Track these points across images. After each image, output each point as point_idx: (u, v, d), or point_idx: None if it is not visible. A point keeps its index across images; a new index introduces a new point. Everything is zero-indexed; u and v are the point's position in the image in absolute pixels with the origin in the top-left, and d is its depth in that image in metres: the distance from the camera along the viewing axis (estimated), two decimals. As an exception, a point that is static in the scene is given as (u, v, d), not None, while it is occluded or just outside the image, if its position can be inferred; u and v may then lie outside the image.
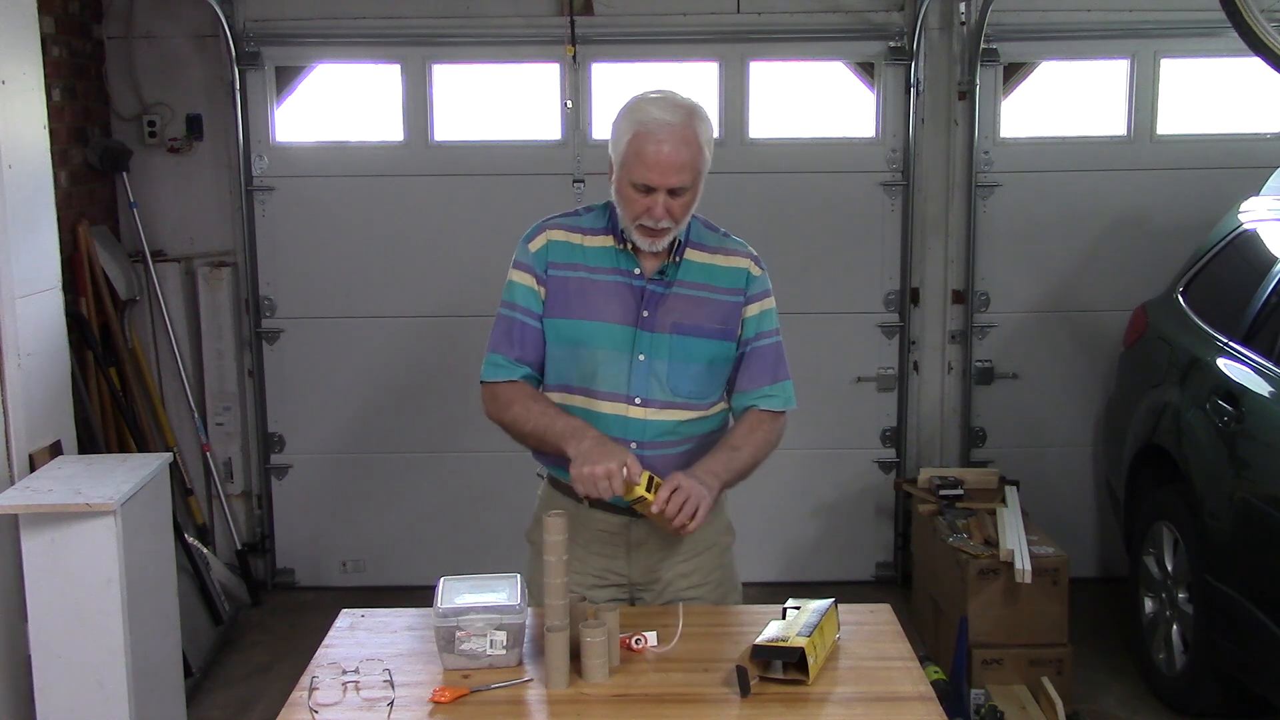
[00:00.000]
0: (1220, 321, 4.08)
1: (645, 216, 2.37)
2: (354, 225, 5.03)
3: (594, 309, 2.46)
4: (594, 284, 2.47)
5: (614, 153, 2.42)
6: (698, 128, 2.37)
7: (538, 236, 2.52)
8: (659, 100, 2.39)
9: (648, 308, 2.46)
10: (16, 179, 3.53)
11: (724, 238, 2.57)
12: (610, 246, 2.48)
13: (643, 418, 2.46)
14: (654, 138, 2.33)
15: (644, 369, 2.45)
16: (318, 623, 2.70)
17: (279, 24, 4.92)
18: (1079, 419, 5.18)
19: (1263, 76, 4.61)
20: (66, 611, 3.23)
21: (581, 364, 2.47)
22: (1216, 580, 3.70)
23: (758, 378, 2.55)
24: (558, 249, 2.49)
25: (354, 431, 5.15)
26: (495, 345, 2.53)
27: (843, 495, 5.22)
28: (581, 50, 4.85)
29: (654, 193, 2.35)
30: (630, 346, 2.45)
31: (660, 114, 2.35)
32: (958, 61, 4.95)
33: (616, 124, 2.42)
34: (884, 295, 5.10)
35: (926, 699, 2.13)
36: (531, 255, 2.50)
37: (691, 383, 2.49)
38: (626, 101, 2.44)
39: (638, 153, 2.35)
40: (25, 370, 3.54)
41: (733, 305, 2.52)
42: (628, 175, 2.38)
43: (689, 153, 2.35)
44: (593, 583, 2.55)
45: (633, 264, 2.47)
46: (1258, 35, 3.48)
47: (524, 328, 2.50)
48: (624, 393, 2.46)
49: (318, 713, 2.06)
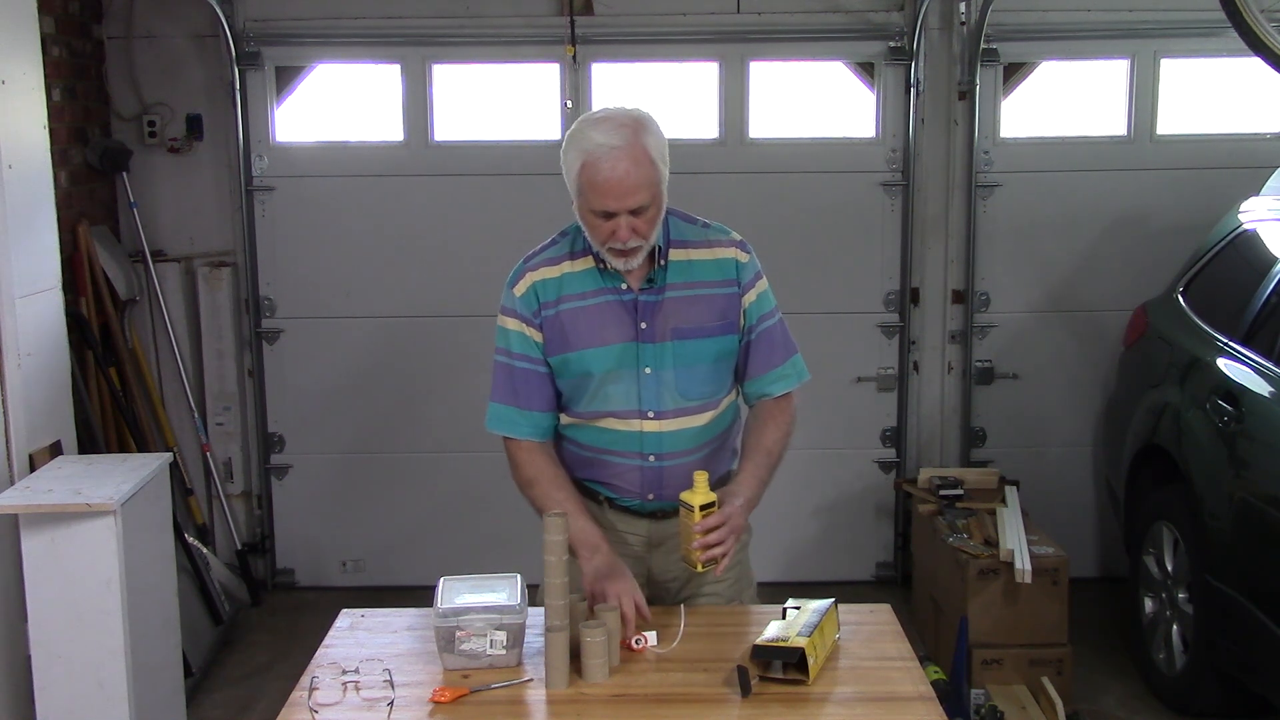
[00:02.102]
0: (1220, 321, 4.08)
1: (612, 240, 2.34)
2: (354, 225, 5.03)
3: (592, 335, 2.44)
4: (585, 310, 2.45)
5: (568, 182, 2.38)
6: (646, 144, 2.31)
7: (520, 282, 2.48)
8: (601, 122, 2.33)
9: (644, 319, 2.44)
10: (16, 179, 3.53)
11: (704, 229, 2.54)
12: (593, 269, 2.45)
13: (658, 430, 2.46)
14: (603, 164, 2.28)
15: (652, 381, 2.44)
16: (318, 623, 2.70)
17: (279, 24, 4.92)
18: (1079, 419, 5.18)
19: (1263, 76, 4.61)
20: (66, 611, 3.23)
21: (591, 390, 2.46)
22: (1216, 580, 3.70)
23: (768, 361, 2.55)
24: (544, 288, 2.46)
25: (354, 431, 5.15)
26: (499, 395, 2.51)
27: (843, 495, 5.22)
28: (581, 50, 4.85)
29: (615, 216, 2.32)
30: (635, 362, 2.44)
31: (604, 138, 2.29)
32: (958, 61, 4.95)
33: (565, 153, 2.37)
34: (884, 295, 5.10)
35: (926, 699, 2.13)
36: (519, 301, 2.47)
37: (700, 384, 2.48)
38: (572, 127, 2.39)
39: (590, 181, 2.30)
40: (25, 370, 3.54)
41: (729, 297, 2.49)
42: (585, 204, 2.34)
43: (641, 172, 2.30)
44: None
45: (618, 280, 2.44)
46: (1258, 35, 3.48)
47: (526, 375, 2.48)
48: (635, 408, 2.45)
49: (318, 713, 2.06)
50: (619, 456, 2.49)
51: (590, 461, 2.53)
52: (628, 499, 2.52)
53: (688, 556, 2.35)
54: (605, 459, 2.50)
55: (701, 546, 2.30)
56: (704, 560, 2.32)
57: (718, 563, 2.33)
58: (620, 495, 2.52)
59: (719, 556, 2.32)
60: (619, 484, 2.51)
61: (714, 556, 2.31)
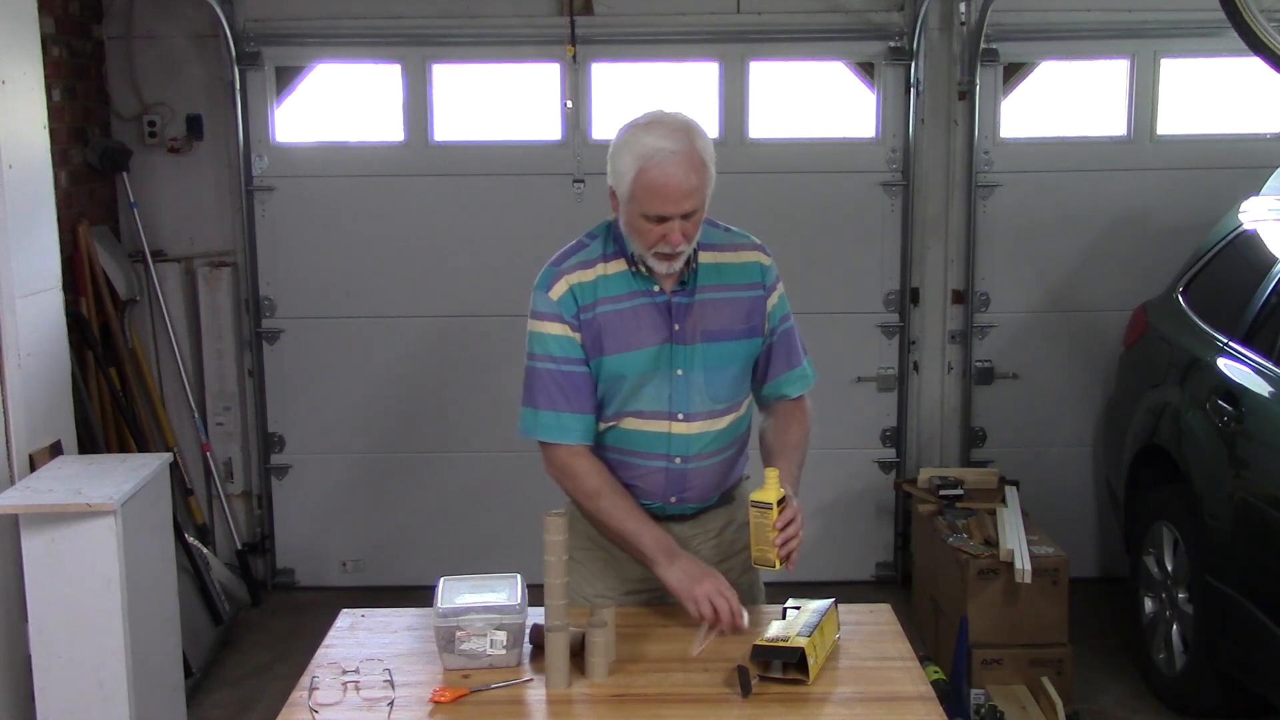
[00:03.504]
0: (1220, 321, 4.08)
1: (662, 244, 2.32)
2: (354, 225, 5.03)
3: (628, 339, 2.42)
4: (621, 314, 2.42)
5: (618, 187, 2.34)
6: (700, 147, 2.31)
7: (556, 285, 2.42)
8: (653, 126, 2.31)
9: (678, 321, 2.43)
10: (16, 179, 3.53)
11: (728, 232, 2.55)
12: (625, 272, 2.43)
13: (685, 433, 2.46)
14: (662, 169, 2.26)
15: (684, 383, 2.44)
16: (318, 623, 2.70)
17: (279, 24, 4.92)
18: (1079, 419, 5.18)
19: (1263, 76, 4.61)
20: (66, 611, 3.23)
21: (624, 393, 2.44)
22: (1216, 580, 3.70)
23: (788, 362, 2.57)
24: (582, 291, 2.42)
25: (354, 431, 5.16)
26: (545, 402, 2.42)
27: (843, 495, 5.22)
28: (581, 50, 4.85)
29: (668, 221, 2.30)
30: (669, 364, 2.43)
31: (662, 143, 2.28)
32: (958, 61, 4.95)
33: (616, 158, 2.34)
34: (884, 295, 5.10)
35: (926, 699, 2.13)
36: (556, 304, 2.41)
37: (727, 386, 2.49)
38: (620, 133, 2.36)
39: (648, 186, 2.28)
40: (25, 370, 3.54)
41: (755, 300, 2.50)
42: (638, 208, 2.31)
43: (697, 176, 2.30)
44: (629, 588, 2.54)
45: (651, 283, 2.43)
46: (1258, 35, 3.48)
47: (573, 378, 2.43)
48: (666, 410, 2.44)
49: (318, 713, 2.06)
50: (645, 458, 2.47)
51: (615, 464, 2.50)
52: (649, 501, 2.51)
53: (764, 557, 2.32)
54: (631, 460, 2.49)
55: (783, 542, 2.29)
56: (783, 556, 2.30)
57: (790, 558, 2.33)
58: (642, 498, 2.51)
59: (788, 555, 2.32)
60: (642, 486, 2.50)
61: (791, 550, 2.31)
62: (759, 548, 2.33)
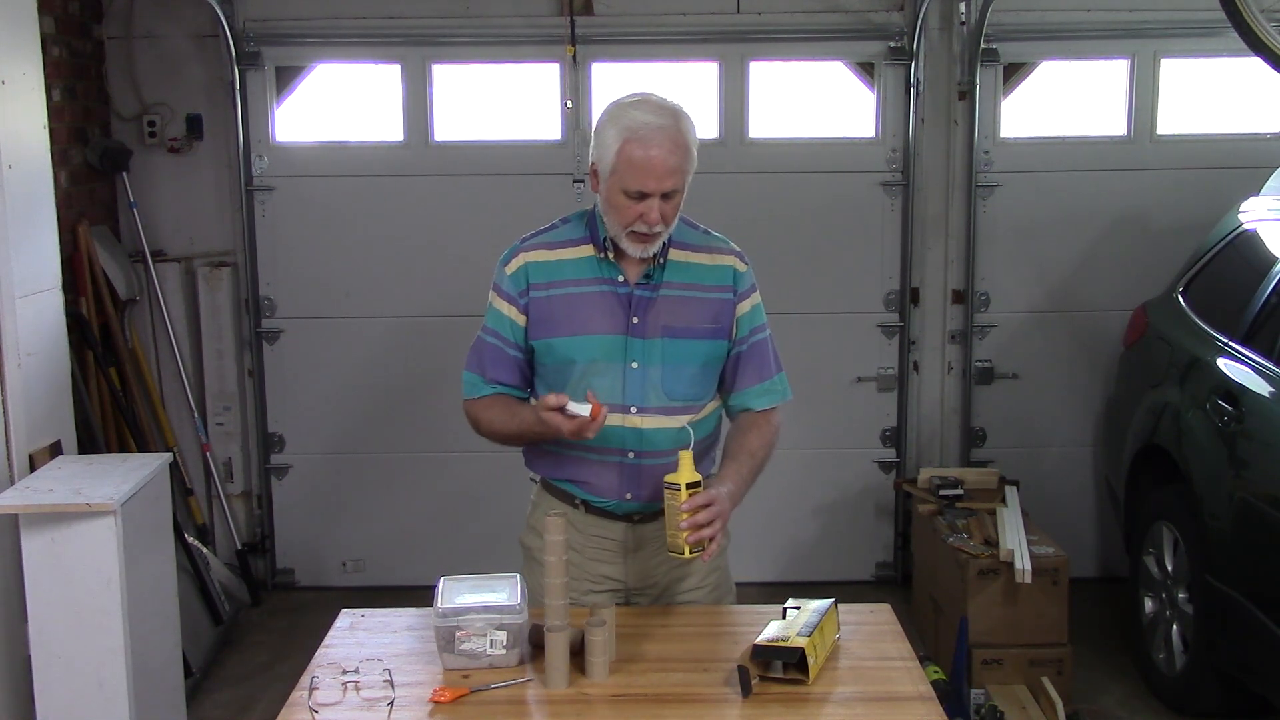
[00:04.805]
0: (1220, 321, 4.08)
1: (639, 223, 2.34)
2: (354, 225, 5.03)
3: (582, 323, 2.44)
4: (579, 297, 2.44)
5: (600, 162, 2.37)
6: (685, 129, 2.35)
7: (514, 260, 2.49)
8: (643, 104, 2.36)
9: (637, 314, 2.43)
10: (16, 179, 3.52)
11: (705, 235, 2.55)
12: (591, 257, 2.45)
13: (640, 426, 2.45)
14: (645, 143, 2.30)
15: (638, 376, 2.44)
16: (318, 623, 2.70)
17: (279, 24, 4.92)
18: (1079, 419, 5.19)
19: (1263, 76, 4.61)
20: (66, 611, 3.23)
21: (574, 380, 2.44)
22: (1216, 580, 3.70)
23: (754, 375, 2.54)
24: (536, 270, 2.46)
25: (354, 431, 5.15)
26: (471, 365, 2.58)
27: (842, 495, 5.22)
28: (581, 50, 4.85)
29: (648, 198, 2.32)
30: (623, 355, 2.43)
31: (648, 117, 2.32)
32: (958, 61, 4.95)
33: (601, 132, 2.37)
34: (884, 295, 5.10)
35: (926, 699, 2.13)
36: (508, 279, 2.48)
37: (686, 385, 2.47)
38: (607, 109, 2.40)
39: (629, 159, 2.31)
40: (25, 370, 3.53)
41: (723, 303, 2.49)
42: (619, 183, 2.33)
43: (680, 155, 2.33)
44: (589, 588, 2.54)
45: (616, 272, 2.44)
46: (1258, 35, 3.48)
47: (496, 353, 2.52)
48: (620, 402, 2.43)
49: (318, 713, 2.06)
50: (599, 452, 2.46)
51: (567, 458, 2.50)
52: (604, 499, 2.50)
53: (674, 542, 2.23)
54: (583, 454, 2.48)
55: (691, 527, 2.21)
56: (692, 542, 2.21)
57: (705, 548, 2.23)
58: (597, 495, 2.50)
59: (707, 540, 2.23)
60: (596, 482, 2.49)
61: (702, 539, 2.22)
62: (670, 532, 2.26)
